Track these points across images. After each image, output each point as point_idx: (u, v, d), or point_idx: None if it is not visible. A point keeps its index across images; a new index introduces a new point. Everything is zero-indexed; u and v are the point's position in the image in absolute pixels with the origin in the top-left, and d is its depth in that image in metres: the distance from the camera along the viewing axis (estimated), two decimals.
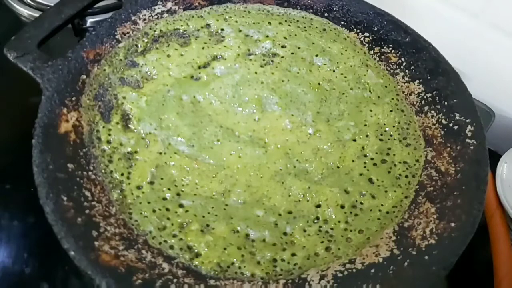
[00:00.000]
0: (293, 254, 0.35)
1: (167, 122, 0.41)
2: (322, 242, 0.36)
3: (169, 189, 0.37)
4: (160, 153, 0.39)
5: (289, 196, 0.38)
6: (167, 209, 0.36)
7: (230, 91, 0.44)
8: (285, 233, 0.36)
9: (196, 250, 0.34)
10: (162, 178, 0.38)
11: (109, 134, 0.39)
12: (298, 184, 0.38)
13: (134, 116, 0.41)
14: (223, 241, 0.35)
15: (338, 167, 0.40)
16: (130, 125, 0.41)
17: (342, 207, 0.38)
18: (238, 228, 0.36)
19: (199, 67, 0.45)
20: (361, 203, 0.38)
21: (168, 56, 0.45)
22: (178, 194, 0.37)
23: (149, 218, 0.35)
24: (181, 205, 0.37)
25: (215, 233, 0.35)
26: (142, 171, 0.38)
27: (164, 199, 0.37)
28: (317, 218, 0.37)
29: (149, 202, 0.36)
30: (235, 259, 0.34)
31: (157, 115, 0.41)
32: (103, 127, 0.40)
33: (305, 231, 0.36)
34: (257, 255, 0.34)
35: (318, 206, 0.38)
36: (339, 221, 0.37)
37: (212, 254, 0.34)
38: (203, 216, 0.36)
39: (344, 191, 0.38)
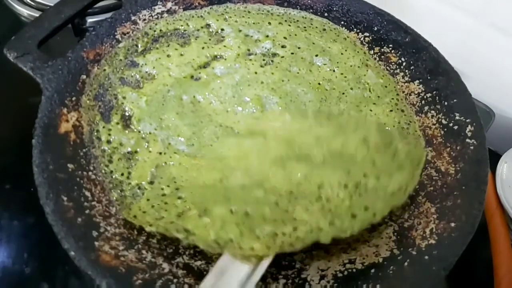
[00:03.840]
0: (295, 229, 0.32)
1: (167, 122, 0.41)
2: (326, 218, 0.33)
3: (168, 186, 0.37)
4: (160, 153, 0.39)
5: (290, 179, 0.35)
6: (165, 203, 0.36)
7: (230, 91, 0.44)
8: (286, 211, 0.33)
9: (192, 232, 0.33)
10: (162, 178, 0.38)
11: (109, 134, 0.39)
12: (299, 168, 0.36)
13: (134, 116, 0.41)
14: (221, 220, 0.33)
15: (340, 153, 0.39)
16: (130, 125, 0.41)
17: (346, 186, 0.35)
18: (237, 208, 0.34)
19: (199, 67, 0.45)
20: (365, 184, 0.35)
21: (168, 56, 0.45)
22: (177, 189, 0.37)
23: (147, 212, 0.35)
24: (179, 197, 0.36)
25: (213, 215, 0.34)
26: (142, 171, 0.38)
27: (163, 195, 0.37)
28: (320, 197, 0.34)
29: (148, 200, 0.36)
30: (233, 236, 0.32)
31: (157, 115, 0.41)
32: (103, 127, 0.40)
33: (307, 209, 0.34)
34: (256, 230, 0.32)
35: (321, 187, 0.35)
36: (343, 200, 0.34)
37: (210, 231, 0.33)
38: (201, 202, 0.35)
39: (347, 173, 0.35)
